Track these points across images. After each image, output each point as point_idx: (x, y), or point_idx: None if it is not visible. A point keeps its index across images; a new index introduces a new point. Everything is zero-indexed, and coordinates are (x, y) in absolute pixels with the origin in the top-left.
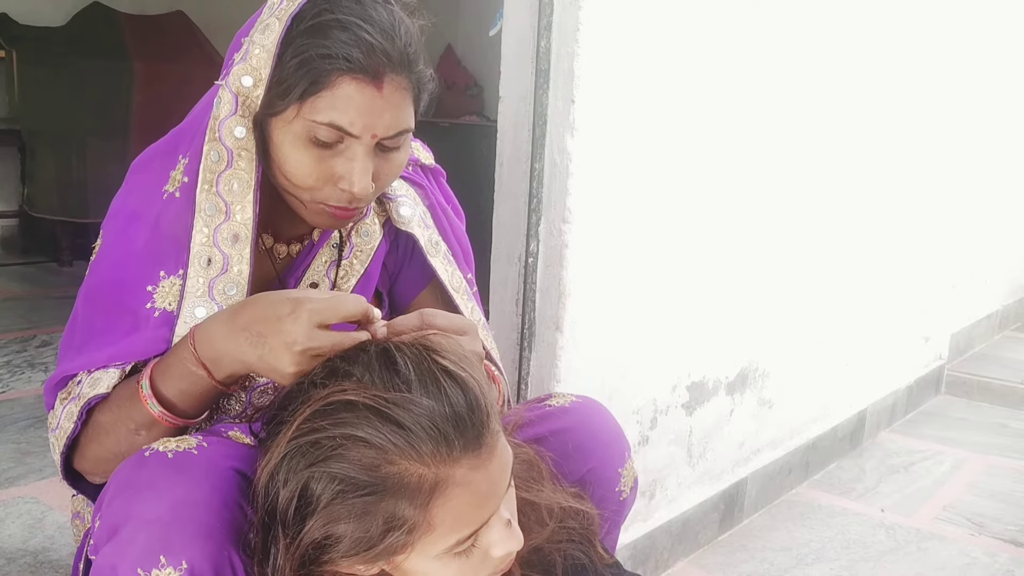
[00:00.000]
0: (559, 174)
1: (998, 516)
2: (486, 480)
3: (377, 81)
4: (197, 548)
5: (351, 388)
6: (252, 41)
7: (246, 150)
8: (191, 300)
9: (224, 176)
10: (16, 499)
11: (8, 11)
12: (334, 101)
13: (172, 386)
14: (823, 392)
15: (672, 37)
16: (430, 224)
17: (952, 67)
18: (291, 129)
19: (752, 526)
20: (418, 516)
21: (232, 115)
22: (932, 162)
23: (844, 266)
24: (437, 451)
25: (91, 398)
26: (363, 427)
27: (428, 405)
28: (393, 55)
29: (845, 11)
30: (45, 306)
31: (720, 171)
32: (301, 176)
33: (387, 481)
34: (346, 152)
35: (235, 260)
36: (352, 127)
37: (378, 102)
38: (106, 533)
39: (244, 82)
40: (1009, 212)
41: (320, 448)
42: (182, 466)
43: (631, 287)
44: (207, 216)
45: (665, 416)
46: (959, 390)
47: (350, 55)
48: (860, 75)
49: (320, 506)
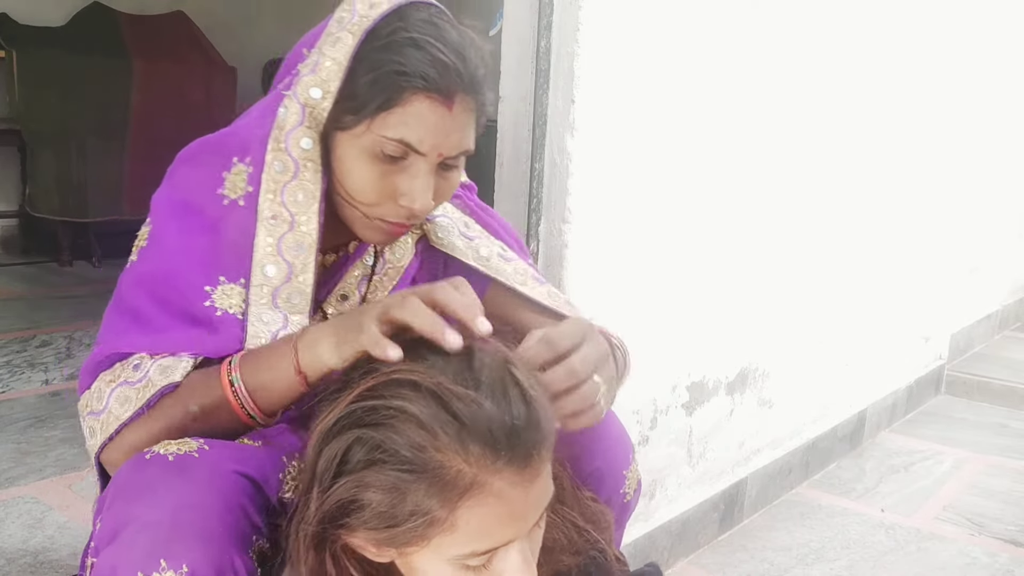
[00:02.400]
0: (559, 174)
1: (998, 516)
2: (521, 501)
3: (448, 101)
4: (198, 552)
5: (419, 370)
6: (322, 53)
7: (312, 161)
8: (256, 308)
9: (289, 187)
10: (16, 499)
11: (8, 11)
12: (405, 118)
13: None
14: (823, 392)
15: (672, 37)
16: (475, 231)
17: (952, 68)
18: (358, 143)
19: (752, 526)
20: (444, 512)
21: (299, 126)
22: (932, 162)
23: (844, 266)
24: (484, 454)
25: (165, 386)
26: (421, 407)
27: (489, 408)
28: (465, 76)
29: (846, 10)
30: (45, 306)
31: (720, 171)
32: (363, 190)
33: (427, 465)
34: (410, 169)
35: (299, 269)
36: (421, 144)
37: (448, 121)
38: (107, 535)
39: (312, 94)
40: (1009, 212)
41: (375, 414)
42: (183, 469)
43: (631, 287)
44: (270, 225)
45: (665, 416)
46: (959, 390)
47: (425, 73)
48: (860, 76)
49: (357, 468)
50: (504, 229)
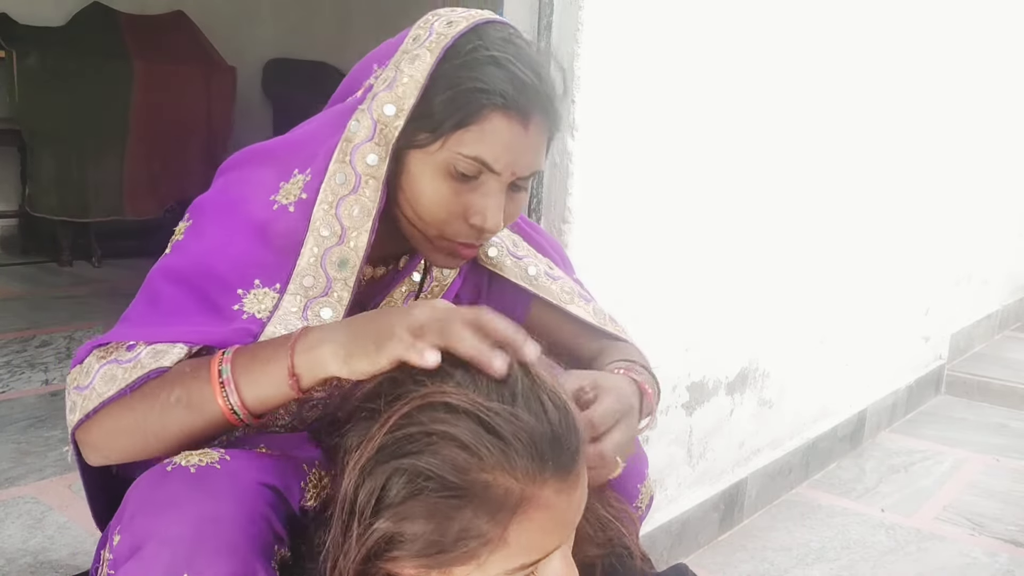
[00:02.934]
0: (559, 174)
1: (998, 516)
2: (567, 506)
3: (526, 120)
4: (221, 565)
5: (452, 391)
6: (399, 70)
7: (374, 178)
8: (283, 315)
9: (347, 200)
10: (16, 499)
11: (8, 11)
12: (483, 136)
13: (247, 380)
14: (823, 392)
15: (672, 37)
16: (523, 250)
17: (952, 68)
18: (432, 160)
19: (752, 526)
20: (497, 531)
21: (368, 141)
22: (932, 162)
23: (844, 266)
24: (530, 468)
25: (152, 370)
26: (461, 429)
27: (529, 421)
28: (542, 94)
29: (847, 11)
30: (45, 306)
31: (720, 172)
32: (434, 208)
33: (474, 487)
34: (482, 188)
35: (338, 286)
36: (496, 163)
37: (523, 141)
38: (128, 550)
39: (387, 111)
40: (1009, 212)
41: (413, 442)
42: (204, 481)
43: (631, 287)
44: (320, 237)
45: (665, 416)
46: (959, 390)
47: (504, 91)
48: (860, 76)
49: (399, 500)
50: (551, 246)
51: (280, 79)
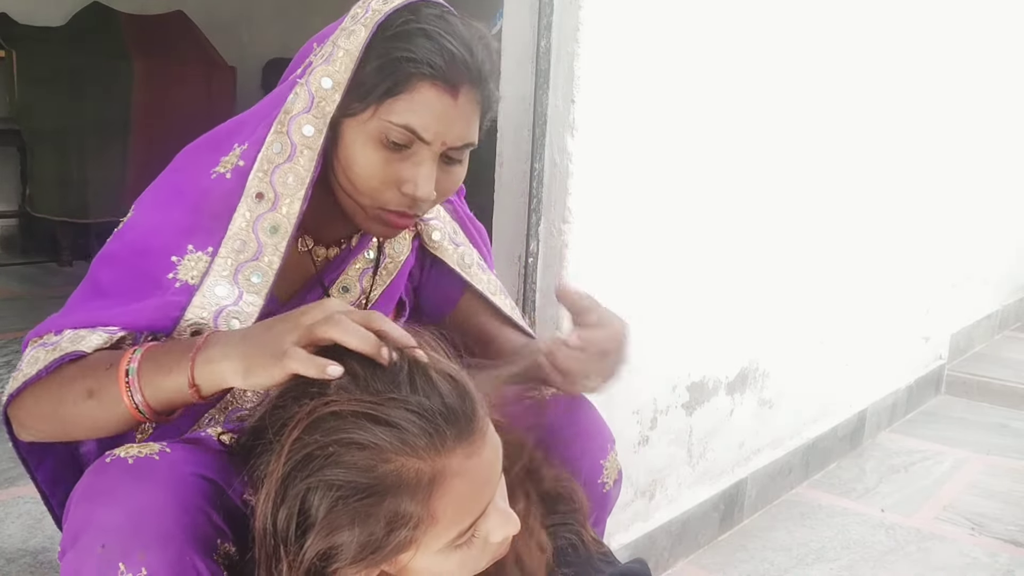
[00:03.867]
0: (559, 174)
1: (998, 516)
2: (481, 467)
3: (454, 90)
4: (156, 555)
5: (334, 399)
6: (336, 45)
7: (309, 148)
8: (214, 278)
9: (281, 168)
10: (16, 499)
11: (8, 11)
12: (412, 104)
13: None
14: (823, 392)
15: (672, 37)
16: (460, 239)
17: (952, 68)
18: (364, 129)
19: (752, 526)
20: (421, 511)
21: (305, 112)
22: (932, 162)
23: (844, 266)
24: (431, 443)
25: (69, 352)
26: (354, 431)
27: (416, 400)
28: (472, 68)
29: (846, 11)
30: (45, 306)
31: (720, 171)
32: (367, 177)
33: (386, 479)
34: (413, 157)
35: (269, 250)
36: (425, 132)
37: (452, 111)
38: (69, 540)
39: (324, 83)
40: (1009, 212)
41: (314, 460)
42: (142, 472)
43: (631, 287)
44: (252, 202)
45: (665, 416)
46: (959, 390)
47: (432, 61)
48: (860, 76)
49: (320, 516)
50: (483, 242)
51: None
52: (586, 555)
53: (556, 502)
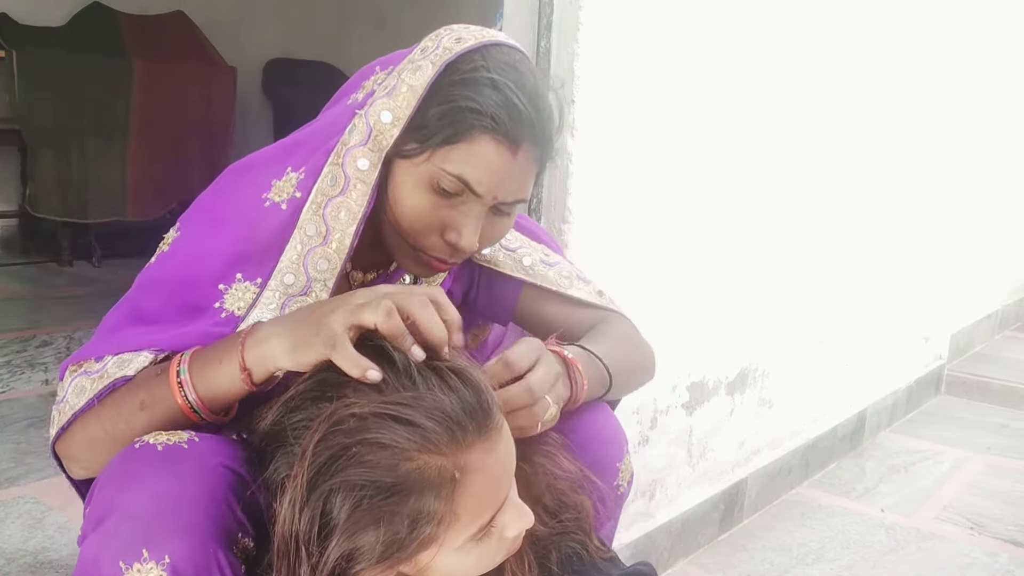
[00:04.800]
0: (559, 174)
1: (998, 516)
2: (500, 461)
3: (515, 147)
4: (180, 543)
5: (354, 401)
6: (401, 79)
7: (363, 182)
8: (260, 310)
9: (334, 202)
10: (16, 499)
11: (8, 11)
12: (469, 156)
13: (202, 379)
14: (823, 392)
15: (672, 37)
16: (515, 242)
17: (952, 68)
18: (416, 171)
19: (752, 526)
20: (444, 508)
21: (361, 145)
22: (932, 162)
23: (844, 266)
24: (452, 440)
25: (118, 379)
26: (376, 431)
27: (434, 397)
28: (536, 126)
29: (847, 11)
30: (45, 306)
31: (720, 171)
32: (412, 219)
33: (409, 478)
34: (462, 206)
35: (317, 287)
36: (479, 185)
37: (510, 167)
38: (92, 523)
39: (383, 117)
40: (1009, 212)
41: (337, 461)
42: (170, 459)
43: (631, 287)
44: (305, 236)
45: (665, 416)
46: (959, 390)
47: (497, 115)
48: (860, 76)
49: (344, 518)
50: (542, 231)
51: (280, 79)
52: (591, 562)
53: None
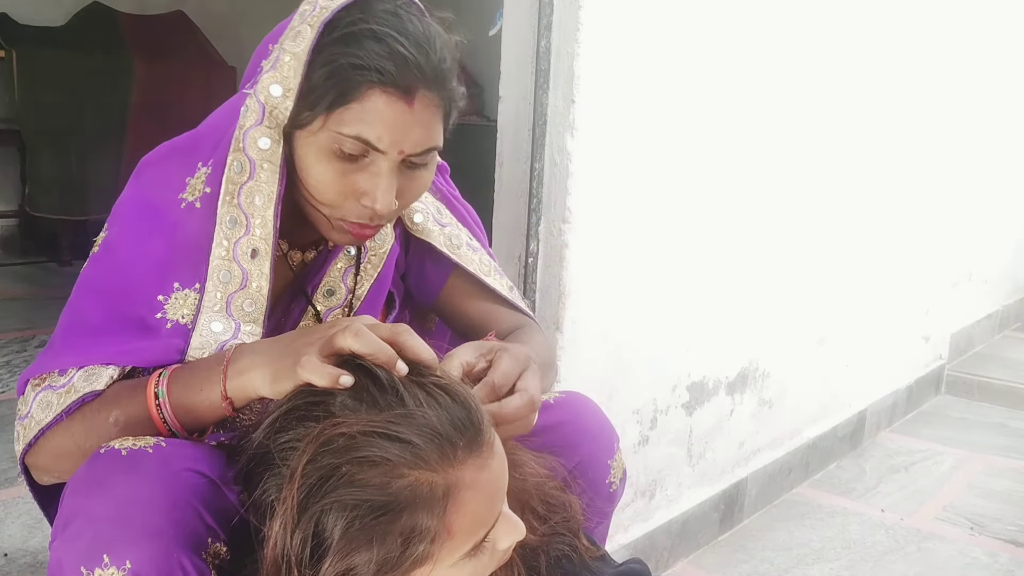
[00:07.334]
0: (559, 174)
1: (998, 516)
2: (492, 477)
3: (408, 97)
4: (142, 548)
5: (341, 420)
6: (283, 48)
7: (269, 162)
8: (208, 314)
9: (246, 188)
10: (16, 499)
11: (8, 11)
12: (362, 114)
13: (182, 403)
14: (823, 392)
15: (672, 37)
16: (446, 218)
17: (952, 68)
18: (316, 141)
19: (752, 526)
20: (437, 524)
21: (258, 125)
22: (932, 162)
23: (844, 266)
24: (443, 456)
25: (87, 393)
26: (366, 449)
27: (423, 414)
28: (427, 70)
29: (846, 11)
30: (45, 306)
31: (720, 171)
32: (323, 190)
33: (401, 495)
34: (371, 167)
35: (254, 276)
36: (379, 142)
37: (408, 118)
38: (58, 528)
39: (273, 91)
40: (1009, 212)
41: (328, 481)
42: (134, 464)
43: (631, 287)
44: (227, 229)
45: (665, 416)
46: (959, 390)
47: (382, 67)
48: (860, 76)
49: (337, 538)
50: (472, 219)
51: None
52: (581, 562)
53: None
